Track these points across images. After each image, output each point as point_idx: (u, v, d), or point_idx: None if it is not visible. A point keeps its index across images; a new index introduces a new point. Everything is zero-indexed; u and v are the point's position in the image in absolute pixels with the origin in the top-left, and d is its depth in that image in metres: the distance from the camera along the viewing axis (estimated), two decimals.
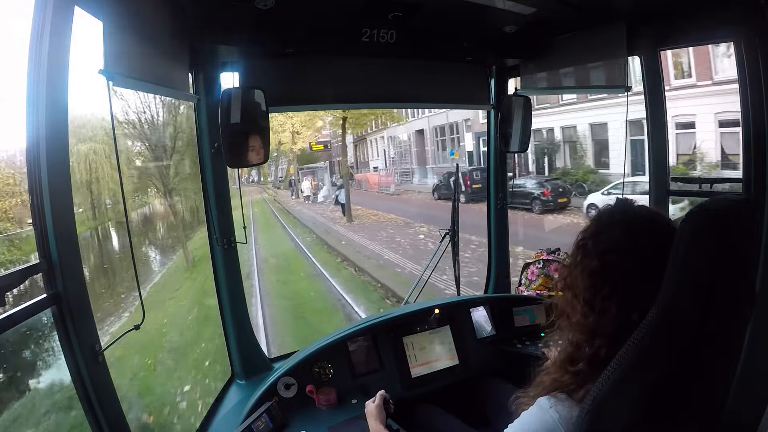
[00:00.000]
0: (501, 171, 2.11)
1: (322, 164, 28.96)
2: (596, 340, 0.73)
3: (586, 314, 0.75)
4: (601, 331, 0.73)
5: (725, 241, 0.63)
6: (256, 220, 16.90)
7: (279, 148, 32.47)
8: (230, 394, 1.60)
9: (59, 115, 0.88)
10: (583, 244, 0.77)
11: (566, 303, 0.79)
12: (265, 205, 23.90)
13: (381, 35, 1.44)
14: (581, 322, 0.75)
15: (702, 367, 0.67)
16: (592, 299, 0.74)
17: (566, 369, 0.76)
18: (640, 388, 0.65)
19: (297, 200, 22.42)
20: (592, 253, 0.75)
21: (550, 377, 0.78)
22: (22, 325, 0.82)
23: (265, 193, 33.56)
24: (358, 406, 1.42)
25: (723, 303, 0.64)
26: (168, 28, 1.18)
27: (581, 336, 0.75)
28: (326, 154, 25.59)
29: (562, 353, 0.79)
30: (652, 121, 1.58)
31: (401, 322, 1.70)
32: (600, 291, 0.73)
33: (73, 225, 0.93)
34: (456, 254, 2.20)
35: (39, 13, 0.83)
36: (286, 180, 30.30)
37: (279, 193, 29.29)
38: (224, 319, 1.63)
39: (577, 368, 0.74)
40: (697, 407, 0.70)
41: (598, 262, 0.74)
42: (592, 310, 0.74)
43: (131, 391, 4.73)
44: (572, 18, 1.52)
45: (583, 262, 0.76)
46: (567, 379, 0.75)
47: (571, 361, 0.76)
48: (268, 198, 28.39)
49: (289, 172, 29.47)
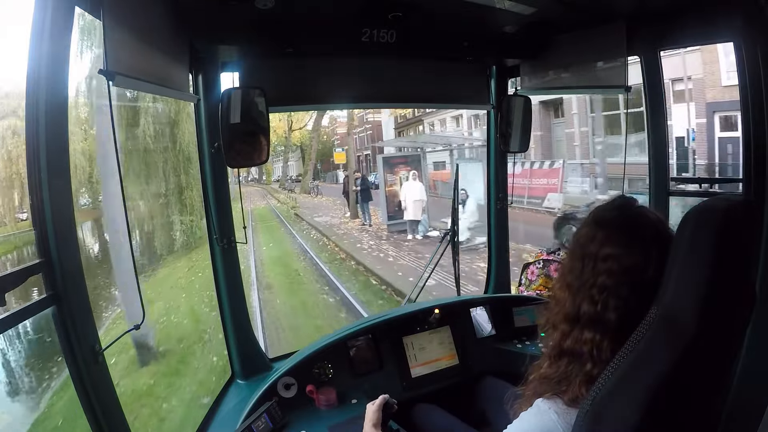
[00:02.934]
0: (501, 171, 2.11)
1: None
2: (581, 330, 0.75)
3: (573, 303, 0.77)
4: (584, 321, 0.75)
5: (725, 241, 0.63)
6: (272, 269, 8.01)
7: (288, 136, 26.41)
8: (230, 394, 1.59)
9: (59, 115, 0.88)
10: (577, 238, 0.79)
11: (559, 293, 0.80)
12: (282, 228, 13.00)
13: (381, 35, 1.44)
14: (566, 312, 0.77)
15: (702, 367, 0.67)
16: (568, 280, 0.77)
17: (553, 360, 0.78)
18: (639, 388, 0.65)
19: (354, 222, 12.00)
20: (583, 247, 0.77)
21: (540, 370, 0.80)
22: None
23: (273, 198, 22.62)
24: (358, 406, 1.42)
25: (723, 303, 0.64)
26: (168, 28, 1.18)
27: (565, 325, 0.77)
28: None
29: (551, 345, 0.81)
30: (652, 122, 1.58)
31: (401, 322, 1.70)
32: (571, 272, 0.77)
33: (73, 225, 0.93)
34: (456, 254, 2.20)
35: (39, 13, 0.83)
36: (306, 178, 22.52)
37: (299, 199, 18.40)
38: (224, 319, 1.63)
39: (562, 361, 0.76)
40: (698, 407, 0.70)
41: (573, 245, 0.78)
42: (577, 299, 0.76)
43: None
44: (572, 18, 1.52)
45: (574, 255, 0.78)
46: (553, 372, 0.77)
47: (559, 353, 0.78)
48: (281, 208, 17.42)
49: (306, 170, 22.66)
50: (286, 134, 25.45)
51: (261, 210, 18.28)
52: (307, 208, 15.91)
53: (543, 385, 0.77)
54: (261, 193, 25.76)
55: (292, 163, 30.35)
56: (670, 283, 0.65)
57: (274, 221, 14.79)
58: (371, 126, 28.46)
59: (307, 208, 16.19)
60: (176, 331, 5.50)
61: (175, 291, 6.66)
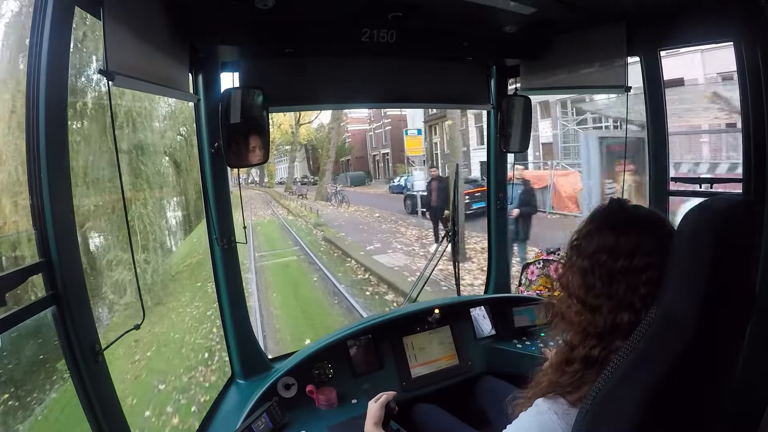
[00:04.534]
0: (501, 171, 2.11)
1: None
2: (589, 340, 0.74)
3: (580, 313, 0.75)
4: (593, 331, 0.73)
5: (725, 241, 0.62)
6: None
7: (296, 131, 21.88)
8: (230, 394, 1.59)
9: (59, 115, 0.88)
10: (577, 244, 0.78)
11: (561, 302, 0.79)
12: (311, 275, 6.62)
13: (381, 35, 1.44)
14: (575, 321, 0.76)
15: (702, 368, 0.67)
16: (584, 298, 0.75)
17: (563, 370, 0.76)
18: (639, 388, 0.65)
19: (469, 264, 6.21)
20: (584, 253, 0.75)
21: (547, 378, 0.78)
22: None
23: (279, 206, 16.40)
24: (358, 406, 1.42)
25: (722, 303, 0.64)
26: (168, 28, 1.18)
27: (575, 336, 0.76)
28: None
29: (558, 354, 0.80)
30: (651, 122, 1.58)
31: (401, 322, 1.70)
32: (591, 290, 0.74)
33: (73, 225, 0.93)
34: (456, 254, 2.20)
35: (39, 13, 0.83)
36: (324, 181, 17.78)
37: (320, 210, 12.74)
38: (224, 319, 1.63)
39: (572, 368, 0.75)
40: (698, 408, 0.70)
41: (588, 262, 0.74)
42: (585, 308, 0.74)
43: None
44: (572, 18, 1.52)
45: (576, 262, 0.77)
46: (564, 380, 0.75)
47: (567, 362, 0.76)
48: (296, 224, 11.43)
49: (323, 170, 17.74)
50: (293, 128, 22.14)
51: (265, 225, 11.60)
52: (340, 226, 9.61)
53: (546, 389, 0.76)
54: (263, 199, 19.36)
55: (298, 163, 26.58)
56: (669, 282, 0.65)
57: (290, 253, 8.20)
58: (390, 121, 23.11)
59: (337, 224, 9.79)
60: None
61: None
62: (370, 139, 20.20)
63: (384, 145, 23.82)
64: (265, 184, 29.83)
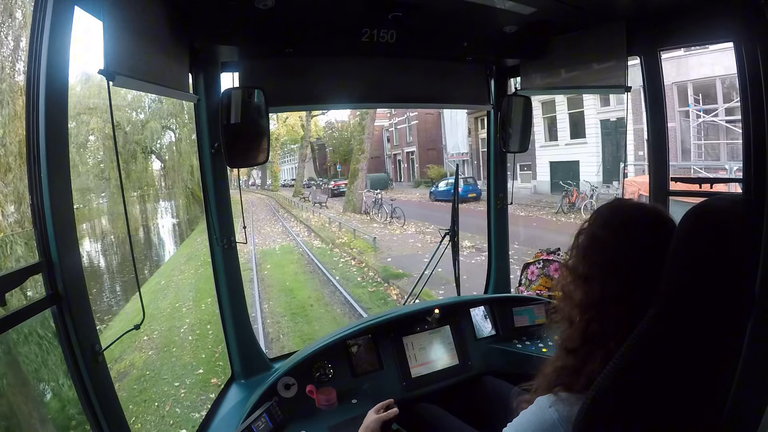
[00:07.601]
0: (501, 171, 2.11)
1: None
2: (588, 311, 0.75)
3: (579, 286, 0.77)
4: (590, 301, 0.75)
5: (724, 240, 0.63)
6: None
7: (307, 126, 18.78)
8: (230, 394, 1.59)
9: (59, 115, 0.88)
10: (582, 232, 0.80)
11: (565, 285, 0.81)
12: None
13: (381, 35, 1.44)
14: (575, 297, 0.77)
15: (702, 366, 0.67)
16: (579, 268, 0.77)
17: (566, 350, 0.77)
18: (639, 387, 0.65)
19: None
20: (587, 231, 0.78)
21: (552, 366, 0.79)
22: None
23: (290, 217, 11.77)
24: (358, 406, 1.42)
25: (722, 302, 0.64)
26: (168, 28, 1.17)
27: (573, 309, 0.77)
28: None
29: (560, 337, 0.81)
30: (651, 122, 1.58)
31: (401, 322, 1.70)
32: (587, 260, 0.76)
33: (73, 225, 0.93)
34: (456, 254, 2.20)
35: (39, 13, 0.83)
36: (353, 186, 13.24)
37: (365, 226, 8.76)
38: (224, 319, 1.63)
39: (573, 346, 0.76)
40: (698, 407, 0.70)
41: (591, 238, 0.78)
42: (584, 281, 0.76)
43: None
44: (572, 18, 1.52)
45: (579, 243, 0.79)
46: (568, 363, 0.76)
47: (568, 340, 0.77)
48: (333, 262, 6.72)
49: (356, 170, 12.77)
50: (302, 122, 18.34)
51: (280, 262, 7.47)
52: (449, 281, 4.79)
53: (558, 376, 0.77)
54: (267, 206, 14.60)
55: (305, 164, 22.19)
56: (669, 282, 0.65)
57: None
58: (417, 114, 19.11)
59: (413, 264, 5.96)
60: None
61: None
62: (391, 137, 16.57)
63: (408, 142, 20.00)
64: (268, 186, 25.86)
